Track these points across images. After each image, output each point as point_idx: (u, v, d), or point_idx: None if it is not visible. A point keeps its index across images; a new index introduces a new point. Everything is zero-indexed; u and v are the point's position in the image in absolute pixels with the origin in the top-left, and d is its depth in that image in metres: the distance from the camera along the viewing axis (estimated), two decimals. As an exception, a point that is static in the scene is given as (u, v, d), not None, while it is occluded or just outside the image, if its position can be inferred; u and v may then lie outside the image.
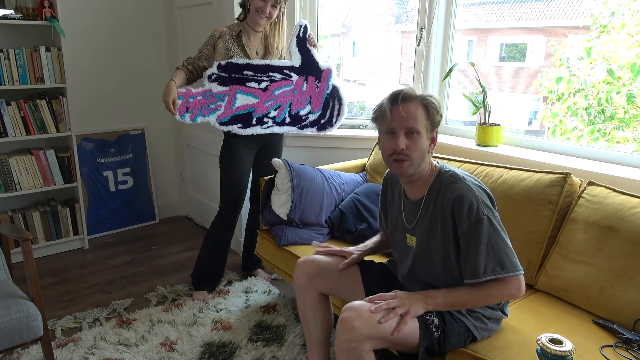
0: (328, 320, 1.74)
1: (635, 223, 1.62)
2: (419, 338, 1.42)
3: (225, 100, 2.37)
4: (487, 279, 1.36)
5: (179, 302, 2.50)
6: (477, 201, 1.38)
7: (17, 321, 1.63)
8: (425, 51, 2.71)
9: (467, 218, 1.38)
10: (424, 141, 1.44)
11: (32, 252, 1.77)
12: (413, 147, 1.42)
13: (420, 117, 1.42)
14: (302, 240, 2.26)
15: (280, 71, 2.42)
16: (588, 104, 3.22)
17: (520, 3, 3.85)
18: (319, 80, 2.52)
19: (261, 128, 2.44)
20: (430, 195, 1.49)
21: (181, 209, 3.87)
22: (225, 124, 2.39)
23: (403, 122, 1.42)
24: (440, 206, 1.45)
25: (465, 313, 1.48)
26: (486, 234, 1.36)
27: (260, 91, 2.40)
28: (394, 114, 1.42)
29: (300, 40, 2.43)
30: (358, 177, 2.59)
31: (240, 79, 2.35)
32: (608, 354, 1.44)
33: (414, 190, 1.54)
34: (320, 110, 2.57)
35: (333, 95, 2.56)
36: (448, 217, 1.43)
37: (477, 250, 1.37)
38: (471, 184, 1.43)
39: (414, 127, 1.41)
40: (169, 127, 3.71)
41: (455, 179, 1.45)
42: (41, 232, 3.04)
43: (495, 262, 1.36)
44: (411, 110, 1.42)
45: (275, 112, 2.46)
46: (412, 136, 1.42)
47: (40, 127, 2.91)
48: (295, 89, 2.48)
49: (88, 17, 3.19)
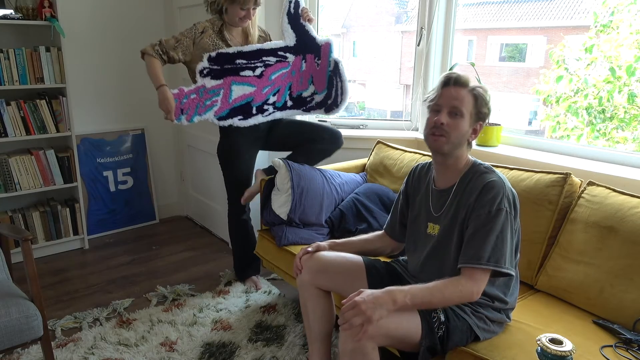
0: (329, 316, 1.74)
1: (635, 223, 1.62)
2: (421, 337, 1.42)
3: (220, 94, 2.27)
4: (488, 267, 1.37)
5: (179, 302, 2.50)
6: (503, 193, 1.41)
7: (17, 321, 1.63)
8: (425, 51, 2.72)
9: (489, 205, 1.40)
10: (465, 125, 1.46)
11: (32, 252, 1.77)
12: (453, 125, 1.45)
13: (467, 103, 1.46)
14: (302, 240, 2.25)
15: (274, 54, 2.31)
16: (588, 104, 3.22)
17: (520, 3, 3.86)
18: (319, 57, 2.36)
19: (262, 116, 2.35)
20: (462, 183, 1.51)
21: (181, 209, 3.87)
22: (224, 118, 2.30)
23: (449, 100, 1.46)
24: (469, 194, 1.47)
25: (470, 313, 1.49)
26: (500, 225, 1.39)
27: (255, 78, 2.29)
28: (444, 92, 1.47)
29: (292, 17, 2.30)
30: (358, 177, 2.59)
31: (233, 69, 2.25)
32: (608, 354, 1.44)
33: (446, 177, 1.55)
34: (325, 90, 2.41)
35: (335, 71, 2.38)
36: (472, 203, 1.45)
37: (487, 238, 1.38)
38: (503, 179, 1.46)
39: (458, 107, 1.45)
40: (169, 127, 3.71)
41: (489, 171, 1.49)
42: (41, 232, 3.04)
43: (500, 255, 1.38)
44: (460, 93, 1.46)
45: (275, 97, 2.35)
46: (455, 116, 1.46)
47: (40, 127, 2.91)
48: (294, 70, 2.36)
49: (88, 17, 3.19)
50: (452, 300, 1.40)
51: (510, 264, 1.41)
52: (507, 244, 1.39)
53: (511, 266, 1.41)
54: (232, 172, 2.46)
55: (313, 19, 2.36)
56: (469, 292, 1.38)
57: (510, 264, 1.41)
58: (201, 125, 3.38)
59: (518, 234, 1.51)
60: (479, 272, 1.38)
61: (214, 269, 2.93)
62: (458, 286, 1.38)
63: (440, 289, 1.38)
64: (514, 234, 1.46)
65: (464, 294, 1.38)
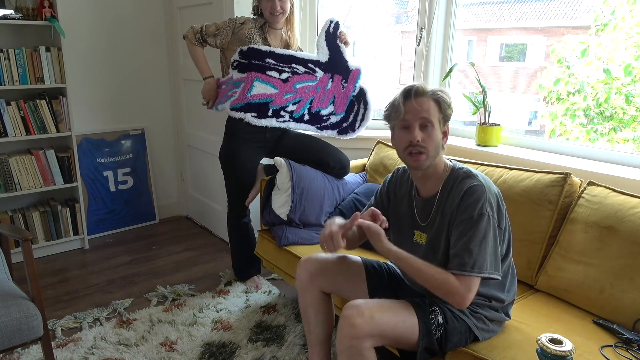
0: (329, 319, 1.74)
1: (635, 223, 1.62)
2: (418, 338, 1.42)
3: (240, 87, 2.28)
4: (473, 275, 1.37)
5: (179, 302, 2.50)
6: (484, 198, 1.40)
7: (17, 321, 1.63)
8: (425, 51, 2.72)
9: (471, 210, 1.39)
10: (437, 133, 1.46)
11: (32, 252, 1.77)
12: (428, 139, 1.44)
13: (433, 111, 1.45)
14: (302, 240, 2.25)
15: (304, 64, 2.33)
16: (587, 105, 3.22)
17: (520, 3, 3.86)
18: (346, 80, 2.39)
19: (277, 121, 2.33)
20: (445, 190, 1.50)
21: (181, 209, 3.87)
22: (237, 110, 2.29)
23: (417, 114, 1.44)
24: (452, 201, 1.45)
25: (468, 313, 1.49)
26: (482, 231, 1.38)
27: (280, 82, 2.30)
28: (408, 108, 1.45)
29: (330, 36, 2.33)
30: (358, 177, 2.59)
31: (260, 66, 2.26)
32: (608, 354, 1.44)
33: (427, 187, 1.54)
34: (343, 113, 2.43)
35: (359, 98, 2.43)
36: (454, 209, 1.44)
37: (470, 245, 1.37)
38: (484, 182, 1.44)
39: (427, 118, 1.44)
40: (169, 127, 3.71)
41: (469, 175, 1.47)
42: (41, 232, 3.04)
43: (483, 260, 1.37)
44: (424, 104, 1.45)
45: (294, 106, 2.35)
46: (426, 129, 1.45)
47: (40, 127, 2.91)
48: (319, 86, 2.37)
49: (88, 17, 3.19)
50: (432, 282, 1.39)
51: (495, 268, 1.40)
52: (488, 249, 1.38)
53: (495, 270, 1.40)
54: (233, 177, 2.46)
55: (349, 43, 2.39)
56: (459, 296, 1.36)
57: (494, 268, 1.39)
58: (201, 125, 3.39)
59: (508, 231, 1.50)
60: (467, 279, 1.37)
61: (214, 269, 2.93)
62: (447, 278, 1.38)
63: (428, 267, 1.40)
64: (503, 234, 1.45)
65: (451, 291, 1.37)
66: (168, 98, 3.66)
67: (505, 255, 1.50)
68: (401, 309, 1.44)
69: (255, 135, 2.38)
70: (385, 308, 1.43)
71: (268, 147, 2.47)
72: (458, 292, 1.36)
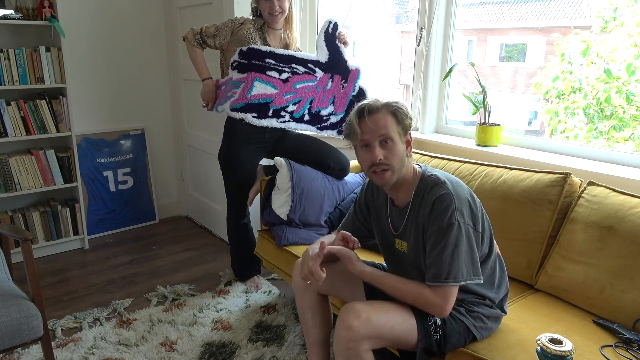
0: (327, 320, 1.74)
1: (635, 223, 1.62)
2: (417, 340, 1.42)
3: (240, 87, 2.29)
4: (448, 285, 1.37)
5: (179, 302, 2.50)
6: (453, 206, 1.38)
7: (17, 321, 1.63)
8: (425, 51, 2.72)
9: (440, 221, 1.38)
10: (399, 147, 1.44)
11: (32, 252, 1.77)
12: (390, 155, 1.43)
13: (391, 125, 1.43)
14: (302, 240, 2.25)
15: (303, 64, 2.34)
16: (586, 104, 3.22)
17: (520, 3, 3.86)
18: (346, 80, 2.40)
19: (277, 121, 2.34)
20: (416, 200, 1.48)
21: (181, 209, 3.87)
22: (237, 110, 2.29)
23: (374, 133, 1.42)
24: (424, 210, 1.45)
25: (465, 313, 1.49)
26: (453, 240, 1.37)
27: (280, 82, 2.30)
28: (364, 128, 1.43)
29: (329, 36, 2.34)
30: (358, 177, 2.59)
31: (260, 66, 2.26)
32: (608, 354, 1.44)
33: (399, 197, 1.54)
34: (343, 113, 2.44)
35: (359, 97, 2.42)
36: (426, 219, 1.43)
37: (442, 255, 1.37)
38: (452, 190, 1.41)
39: (386, 135, 1.42)
40: (169, 127, 3.71)
41: (437, 182, 1.45)
42: (41, 232, 3.04)
43: (457, 269, 1.37)
44: (380, 121, 1.43)
45: (294, 106, 2.36)
46: (386, 145, 1.43)
47: (40, 127, 2.91)
48: (319, 86, 2.37)
49: (88, 17, 3.19)
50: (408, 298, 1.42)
51: (473, 273, 1.39)
52: (462, 256, 1.37)
53: (474, 275, 1.39)
54: (233, 178, 2.46)
55: (349, 43, 2.40)
56: (437, 307, 1.38)
57: (471, 273, 1.39)
58: (201, 125, 3.39)
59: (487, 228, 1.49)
60: (442, 290, 1.37)
61: (214, 269, 2.93)
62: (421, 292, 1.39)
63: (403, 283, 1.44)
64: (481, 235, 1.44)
65: (427, 303, 1.39)
66: (168, 98, 3.66)
67: (488, 254, 1.49)
68: (399, 311, 1.44)
69: (255, 135, 2.38)
70: (382, 310, 1.42)
71: (267, 147, 2.47)
72: (434, 304, 1.37)
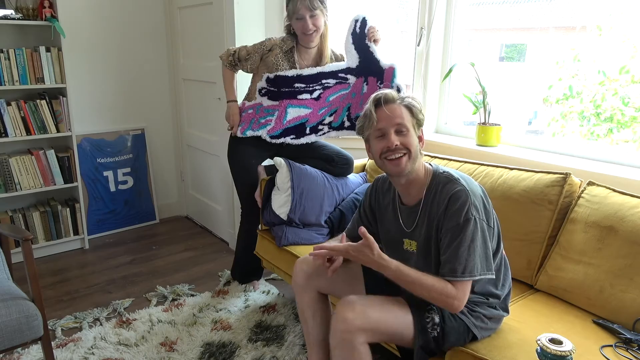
0: (327, 319, 1.74)
1: (635, 223, 1.62)
2: (414, 336, 1.42)
3: (275, 115, 2.28)
4: (465, 279, 1.37)
5: (179, 302, 2.50)
6: (469, 202, 1.40)
7: (17, 321, 1.63)
8: (425, 51, 2.72)
9: (457, 217, 1.39)
10: (414, 137, 1.47)
11: (32, 252, 1.77)
12: (406, 142, 1.45)
13: (406, 115, 1.47)
14: (302, 240, 2.26)
15: (334, 76, 2.26)
16: (582, 108, 3.22)
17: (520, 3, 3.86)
18: (382, 81, 2.25)
19: (316, 136, 2.35)
20: (428, 197, 1.49)
21: (181, 209, 3.87)
22: (277, 137, 2.32)
23: (390, 120, 1.45)
24: (437, 207, 1.45)
25: (467, 312, 1.49)
26: (470, 235, 1.38)
27: (312, 101, 2.27)
28: (380, 116, 1.46)
29: (357, 37, 2.21)
30: (358, 177, 2.59)
31: (290, 93, 2.23)
32: (608, 354, 1.44)
33: (410, 195, 1.54)
34: None
35: None
36: (441, 216, 1.44)
37: (459, 251, 1.38)
38: (467, 186, 1.43)
39: (402, 123, 1.45)
40: (169, 127, 3.71)
41: (450, 179, 1.46)
42: (41, 232, 3.04)
43: (473, 264, 1.38)
44: (396, 110, 1.46)
45: (331, 117, 2.33)
46: (402, 133, 1.45)
47: (41, 127, 2.91)
48: (354, 92, 2.30)
49: (88, 17, 3.19)
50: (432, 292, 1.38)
51: (487, 268, 1.41)
52: (477, 251, 1.39)
53: (488, 270, 1.41)
54: (246, 183, 2.43)
55: (379, 40, 2.24)
56: (457, 300, 1.37)
57: (485, 268, 1.40)
58: (201, 125, 3.39)
59: (496, 225, 1.50)
60: (459, 284, 1.38)
61: (213, 269, 2.93)
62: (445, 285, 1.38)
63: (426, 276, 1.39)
64: (492, 230, 1.46)
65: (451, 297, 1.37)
66: (168, 98, 3.66)
67: (496, 250, 1.50)
68: (396, 306, 1.44)
69: (260, 139, 2.37)
70: (378, 304, 1.44)
71: (273, 149, 2.45)
72: (456, 297, 1.38)
